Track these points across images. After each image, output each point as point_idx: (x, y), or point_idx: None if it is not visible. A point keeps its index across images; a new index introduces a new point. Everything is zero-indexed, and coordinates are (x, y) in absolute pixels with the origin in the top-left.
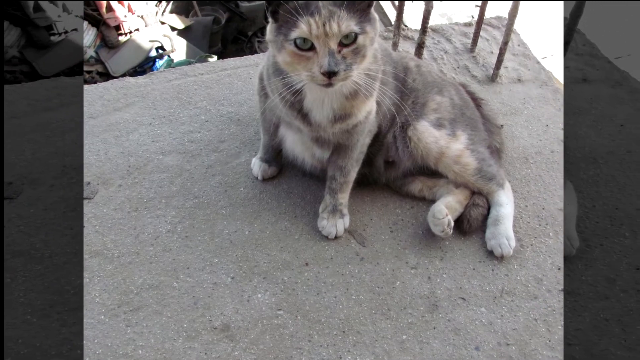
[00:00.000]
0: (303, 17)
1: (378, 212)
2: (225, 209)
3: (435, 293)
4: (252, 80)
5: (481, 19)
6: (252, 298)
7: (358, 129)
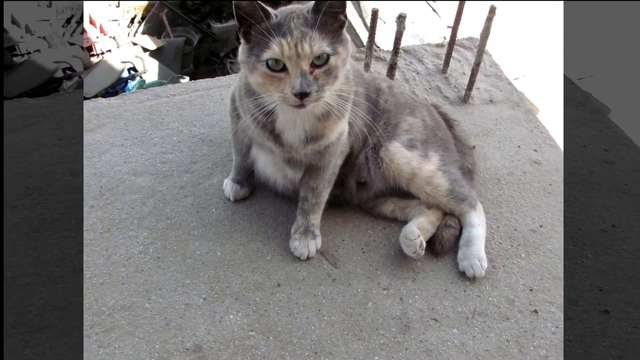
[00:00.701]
0: (275, 38)
1: (350, 233)
2: (198, 230)
3: (407, 314)
4: (224, 101)
5: (453, 40)
6: (224, 319)
7: (330, 150)
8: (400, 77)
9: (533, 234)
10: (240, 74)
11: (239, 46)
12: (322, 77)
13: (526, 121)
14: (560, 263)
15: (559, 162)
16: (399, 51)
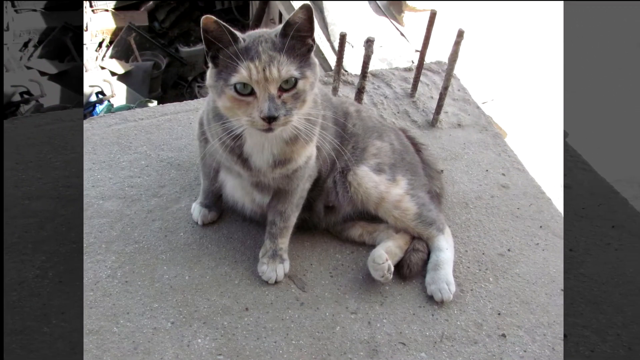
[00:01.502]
0: (243, 62)
1: (318, 257)
2: (166, 254)
3: (375, 338)
4: (192, 125)
5: (421, 64)
6: (192, 343)
7: (298, 174)
8: (369, 101)
9: (501, 257)
10: (208, 98)
11: (207, 70)
12: (290, 101)
13: (494, 145)
14: (529, 287)
15: (527, 186)
16: (367, 75)
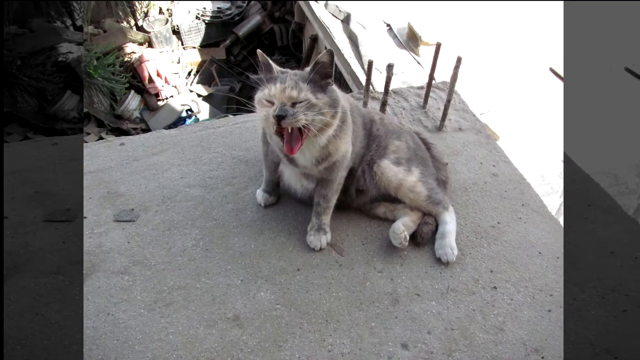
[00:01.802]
0: (270, 84)
1: (352, 229)
2: (237, 228)
3: (396, 290)
4: (257, 131)
5: (430, 83)
6: (257, 295)
7: (337, 166)
8: (390, 111)
9: (492, 229)
10: None
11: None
12: (303, 110)
13: (487, 144)
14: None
15: (512, 175)
16: (389, 92)
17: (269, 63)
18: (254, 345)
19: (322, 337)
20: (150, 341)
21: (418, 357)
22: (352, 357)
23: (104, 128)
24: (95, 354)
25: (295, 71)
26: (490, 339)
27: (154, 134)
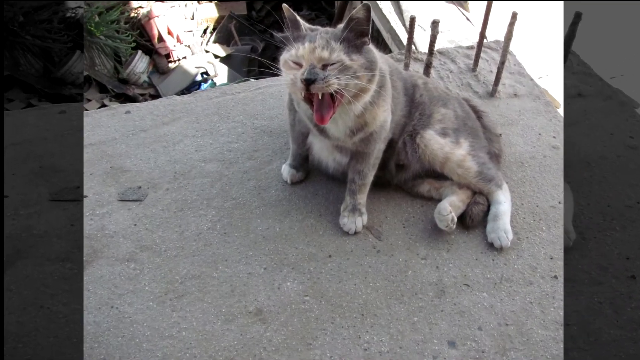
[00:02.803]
0: (298, 44)
1: (392, 210)
2: (259, 209)
3: (442, 280)
4: (283, 97)
5: (481, 42)
6: (282, 286)
7: (375, 137)
8: (436, 75)
9: (553, 209)
10: None
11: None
12: (335, 72)
13: (546, 112)
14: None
15: None
16: (433, 52)
17: (297, 19)
18: (279, 343)
19: (357, 334)
20: (160, 338)
21: (467, 356)
22: (391, 356)
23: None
24: (96, 353)
25: (327, 29)
26: (550, 336)
27: (164, 100)
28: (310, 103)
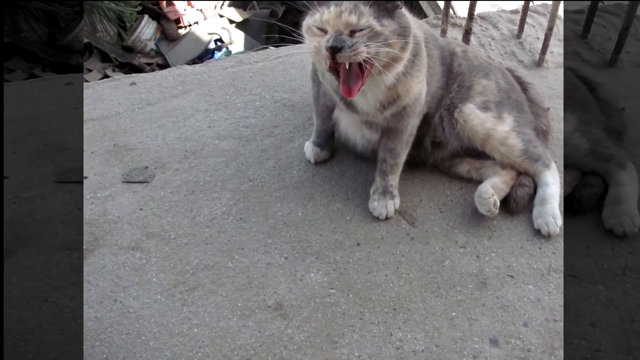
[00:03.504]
0: (322, 7)
1: (427, 193)
2: (279, 192)
3: (483, 271)
4: (306, 67)
5: (527, 6)
6: (305, 277)
7: (408, 111)
8: (476, 42)
9: None
10: None
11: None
12: (364, 39)
13: None
14: None
15: None
16: (473, 17)
17: None
18: (302, 341)
19: (388, 331)
20: (169, 335)
21: (511, 355)
22: (426, 355)
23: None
24: (98, 352)
25: None
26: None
27: (173, 70)
28: (337, 73)
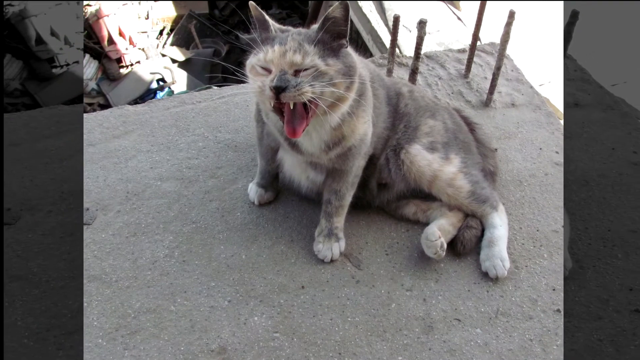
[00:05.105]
0: (266, 47)
1: (373, 235)
2: (222, 234)
3: (430, 314)
4: (249, 107)
5: (474, 45)
6: (249, 321)
7: (354, 152)
8: (423, 82)
9: (555, 234)
10: None
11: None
12: (308, 78)
13: (547, 124)
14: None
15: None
16: (420, 56)
17: (265, 19)
18: None
19: None
20: None
21: None
22: None
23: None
24: None
25: (299, 29)
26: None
27: (115, 110)
28: (281, 114)
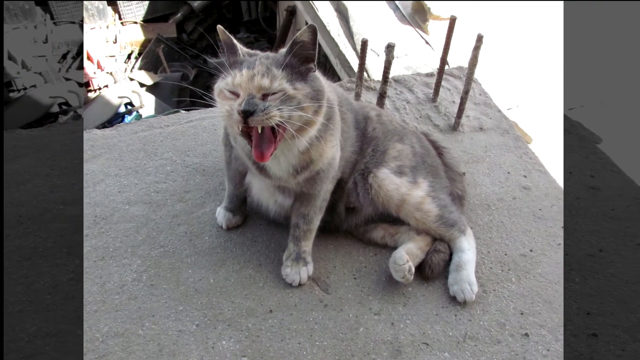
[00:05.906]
0: (234, 71)
1: (342, 259)
2: (191, 258)
3: (398, 338)
4: (217, 131)
5: (442, 69)
6: (217, 345)
7: (322, 176)
8: (391, 106)
9: (523, 258)
10: None
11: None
12: (276, 102)
13: (515, 148)
14: (551, 287)
15: (549, 188)
16: (388, 80)
17: (233, 43)
18: None
19: None
20: None
21: None
22: None
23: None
24: None
25: (267, 53)
26: None
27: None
28: (249, 138)
